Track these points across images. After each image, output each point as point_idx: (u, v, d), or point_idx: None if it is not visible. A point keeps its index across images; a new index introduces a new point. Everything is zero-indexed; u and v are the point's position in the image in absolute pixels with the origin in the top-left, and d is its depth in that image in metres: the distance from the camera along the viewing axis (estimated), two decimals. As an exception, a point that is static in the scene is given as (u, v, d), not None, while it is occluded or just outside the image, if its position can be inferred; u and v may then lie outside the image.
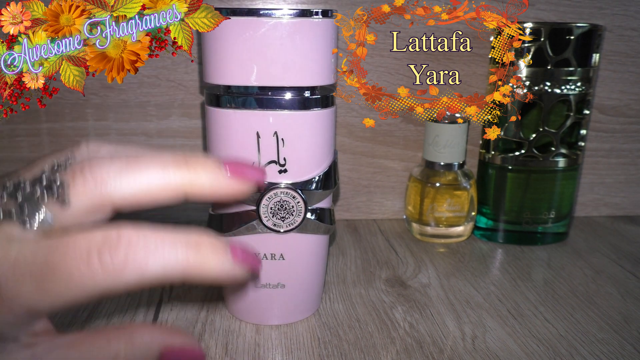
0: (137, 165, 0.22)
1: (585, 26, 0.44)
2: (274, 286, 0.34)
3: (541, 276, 0.43)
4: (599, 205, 0.58)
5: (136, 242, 0.19)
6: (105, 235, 0.19)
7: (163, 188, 0.22)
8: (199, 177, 0.22)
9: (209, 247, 0.21)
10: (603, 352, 0.33)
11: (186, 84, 0.49)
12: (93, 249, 0.19)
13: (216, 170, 0.22)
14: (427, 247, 0.48)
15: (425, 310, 0.37)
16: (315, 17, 0.30)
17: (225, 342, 0.33)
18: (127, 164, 0.21)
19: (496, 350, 0.33)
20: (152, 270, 0.19)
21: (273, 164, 0.32)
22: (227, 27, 0.29)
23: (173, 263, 0.20)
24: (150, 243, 0.20)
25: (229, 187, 0.23)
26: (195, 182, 0.22)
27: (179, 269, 0.20)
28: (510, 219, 0.49)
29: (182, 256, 0.20)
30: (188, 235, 0.21)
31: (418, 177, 0.50)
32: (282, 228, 0.32)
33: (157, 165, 0.22)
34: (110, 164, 0.21)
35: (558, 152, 0.47)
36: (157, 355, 0.21)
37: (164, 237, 0.20)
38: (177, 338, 0.21)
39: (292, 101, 0.31)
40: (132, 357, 0.20)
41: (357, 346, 0.33)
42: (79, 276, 0.19)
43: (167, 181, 0.22)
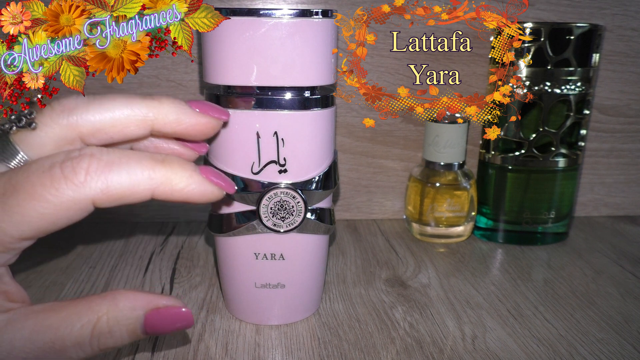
0: (103, 99, 0.22)
1: (585, 26, 0.44)
2: (274, 286, 0.34)
3: (541, 276, 0.43)
4: (599, 205, 0.58)
5: (99, 154, 0.19)
6: (67, 152, 0.19)
7: (128, 118, 0.22)
8: (163, 108, 0.22)
9: (177, 162, 0.21)
10: (603, 352, 0.33)
11: (186, 84, 0.49)
12: (56, 163, 0.19)
13: (181, 103, 0.23)
14: (427, 247, 0.48)
15: (425, 310, 0.37)
16: (315, 17, 0.30)
17: (225, 342, 0.33)
18: (94, 99, 0.22)
19: (496, 350, 0.33)
20: (118, 182, 0.19)
21: (273, 164, 0.32)
22: (227, 27, 0.29)
23: (139, 176, 0.20)
24: (114, 156, 0.19)
25: (194, 119, 0.23)
26: (160, 112, 0.22)
27: (146, 183, 0.20)
28: (510, 219, 0.49)
29: (148, 169, 0.20)
30: (155, 154, 0.21)
31: (418, 177, 0.50)
32: (282, 228, 0.32)
33: (123, 99, 0.22)
34: (77, 96, 0.22)
35: (558, 152, 0.47)
36: (143, 318, 0.20)
37: (129, 153, 0.20)
38: (162, 300, 0.21)
39: (292, 101, 0.31)
40: (116, 320, 0.20)
41: (357, 346, 0.33)
42: (41, 188, 0.18)
43: (133, 113, 0.22)
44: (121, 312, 0.20)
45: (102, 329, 0.20)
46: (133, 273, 0.42)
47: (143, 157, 0.20)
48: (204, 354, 0.32)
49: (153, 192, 0.20)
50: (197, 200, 0.21)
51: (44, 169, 0.19)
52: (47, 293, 0.39)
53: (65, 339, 0.19)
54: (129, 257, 0.45)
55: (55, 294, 0.39)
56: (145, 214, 0.54)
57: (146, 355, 0.32)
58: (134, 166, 0.20)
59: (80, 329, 0.20)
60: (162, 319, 0.21)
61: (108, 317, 0.20)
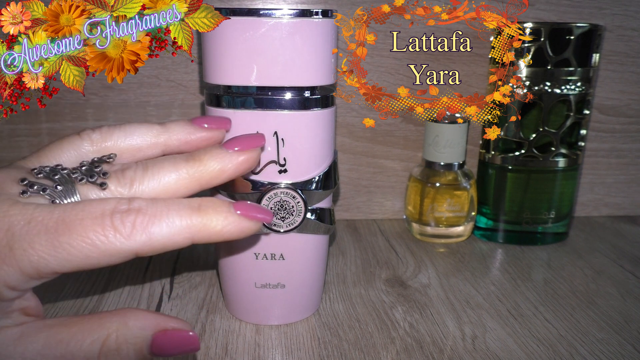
0: (154, 166, 0.24)
1: (585, 26, 0.44)
2: (274, 286, 0.34)
3: (541, 276, 0.43)
4: (599, 205, 0.58)
5: (145, 208, 0.21)
6: (118, 201, 0.21)
7: (178, 181, 0.24)
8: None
9: (211, 207, 0.22)
10: (603, 352, 0.33)
11: (186, 84, 0.49)
12: (106, 211, 0.20)
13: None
14: (427, 247, 0.48)
15: (425, 310, 0.37)
16: (315, 17, 0.30)
17: (225, 342, 0.33)
18: (148, 167, 0.24)
19: (496, 350, 0.33)
20: (159, 233, 0.20)
21: (273, 164, 0.32)
22: (227, 27, 0.29)
23: (178, 225, 0.21)
24: (157, 209, 0.21)
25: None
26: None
27: (185, 231, 0.21)
28: (510, 219, 0.49)
29: (186, 218, 0.21)
30: (192, 200, 0.22)
31: (418, 177, 0.50)
32: (282, 228, 0.32)
33: (170, 162, 0.25)
34: (137, 167, 0.24)
35: (558, 152, 0.47)
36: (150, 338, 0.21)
37: (170, 204, 0.21)
38: (170, 322, 0.21)
39: (292, 101, 0.31)
40: (125, 338, 0.20)
41: (357, 346, 0.33)
42: (93, 233, 0.20)
43: (181, 176, 0.24)
44: (130, 331, 0.21)
45: (111, 346, 0.20)
46: (133, 273, 0.42)
47: (182, 207, 0.21)
48: (204, 354, 0.32)
49: (192, 239, 0.21)
50: (237, 238, 0.23)
51: (95, 214, 0.20)
52: (47, 293, 0.39)
53: (74, 354, 0.20)
54: (129, 257, 0.45)
55: (55, 294, 0.39)
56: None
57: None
58: (173, 217, 0.21)
59: (90, 345, 0.20)
60: (169, 341, 0.21)
61: (117, 334, 0.20)
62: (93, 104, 0.49)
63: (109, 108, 0.49)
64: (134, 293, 0.39)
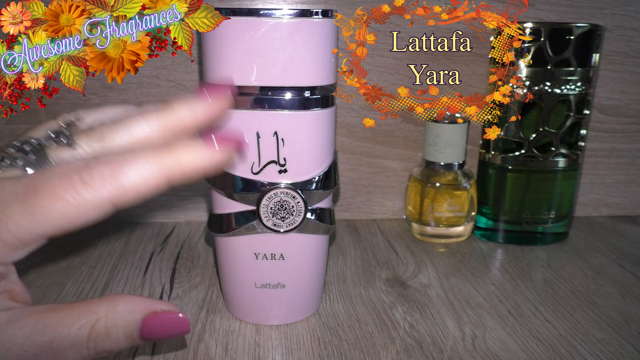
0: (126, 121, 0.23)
1: (585, 26, 0.44)
2: (274, 286, 0.34)
3: (541, 276, 0.43)
4: (599, 205, 0.58)
5: (113, 159, 0.20)
6: (86, 160, 0.21)
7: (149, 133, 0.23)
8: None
9: (179, 144, 0.21)
10: (603, 352, 0.33)
11: (186, 84, 0.49)
12: (73, 169, 0.20)
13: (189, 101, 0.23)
14: (427, 247, 0.48)
15: (425, 310, 0.37)
16: (315, 17, 0.30)
17: (225, 342, 0.33)
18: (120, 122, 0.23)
19: (496, 350, 0.33)
20: (131, 179, 0.20)
21: (273, 164, 0.32)
22: (227, 27, 0.29)
23: (148, 168, 0.20)
24: (125, 157, 0.21)
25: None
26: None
27: (157, 172, 0.21)
28: (510, 219, 0.49)
29: (155, 160, 0.21)
30: (159, 145, 0.21)
31: (418, 177, 0.50)
32: (282, 228, 0.32)
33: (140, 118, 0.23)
34: (104, 124, 0.23)
35: (558, 152, 0.47)
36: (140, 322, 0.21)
37: (137, 152, 0.21)
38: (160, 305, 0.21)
39: (292, 101, 0.31)
40: (114, 322, 0.20)
41: (357, 346, 0.33)
42: (62, 190, 0.20)
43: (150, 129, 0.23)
44: (119, 315, 0.21)
45: (100, 330, 0.20)
46: (133, 273, 0.42)
47: (150, 151, 0.21)
48: (204, 354, 0.32)
49: (167, 179, 0.21)
50: (212, 169, 0.22)
51: (62, 174, 0.20)
52: (47, 293, 0.39)
53: (62, 339, 0.20)
54: (129, 257, 0.45)
55: (55, 294, 0.39)
56: (145, 214, 0.54)
57: (145, 358, 0.32)
58: (141, 161, 0.20)
59: (78, 330, 0.20)
60: (159, 324, 0.21)
61: (106, 319, 0.20)
62: (93, 104, 0.49)
63: (109, 108, 0.49)
64: (134, 293, 0.39)
